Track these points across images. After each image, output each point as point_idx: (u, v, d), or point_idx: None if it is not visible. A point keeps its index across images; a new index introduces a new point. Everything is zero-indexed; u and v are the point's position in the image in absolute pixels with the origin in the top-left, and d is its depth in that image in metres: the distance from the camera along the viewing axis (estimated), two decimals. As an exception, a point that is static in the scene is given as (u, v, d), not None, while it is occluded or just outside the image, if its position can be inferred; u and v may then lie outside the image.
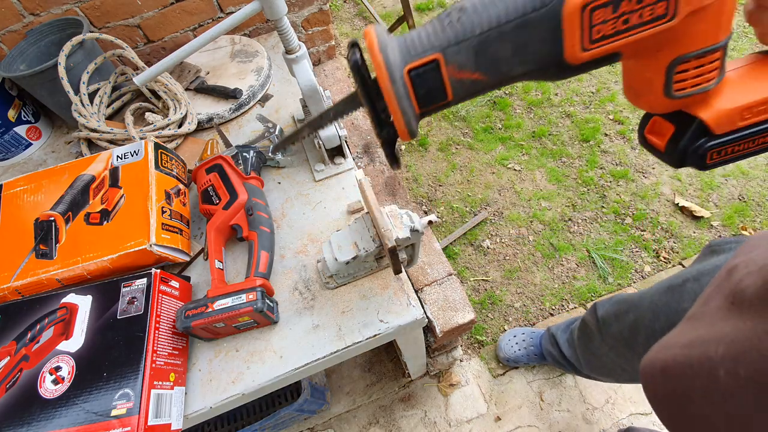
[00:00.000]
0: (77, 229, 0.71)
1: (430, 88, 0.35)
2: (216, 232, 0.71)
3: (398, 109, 0.35)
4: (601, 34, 0.32)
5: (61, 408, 0.56)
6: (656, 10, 0.31)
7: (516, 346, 1.16)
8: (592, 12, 0.31)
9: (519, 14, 0.32)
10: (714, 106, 0.36)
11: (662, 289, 0.66)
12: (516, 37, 0.33)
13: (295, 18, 1.21)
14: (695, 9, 0.31)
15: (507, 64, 0.34)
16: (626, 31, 0.32)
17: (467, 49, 0.34)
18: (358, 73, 0.36)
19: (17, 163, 1.04)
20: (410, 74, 0.35)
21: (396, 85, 0.34)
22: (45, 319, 0.63)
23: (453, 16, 0.34)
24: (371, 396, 1.20)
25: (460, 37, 0.33)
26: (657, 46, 0.34)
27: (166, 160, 0.78)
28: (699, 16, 0.32)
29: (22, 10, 1.00)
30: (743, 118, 0.36)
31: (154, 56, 1.17)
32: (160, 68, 0.70)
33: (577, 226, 1.42)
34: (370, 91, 0.36)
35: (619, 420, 1.10)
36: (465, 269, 1.38)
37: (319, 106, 0.73)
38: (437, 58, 0.34)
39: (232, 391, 0.63)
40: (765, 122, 0.36)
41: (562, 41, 0.33)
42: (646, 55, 0.35)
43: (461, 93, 0.36)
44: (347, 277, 0.69)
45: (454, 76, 0.35)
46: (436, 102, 0.37)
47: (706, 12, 0.31)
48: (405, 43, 0.35)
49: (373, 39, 0.34)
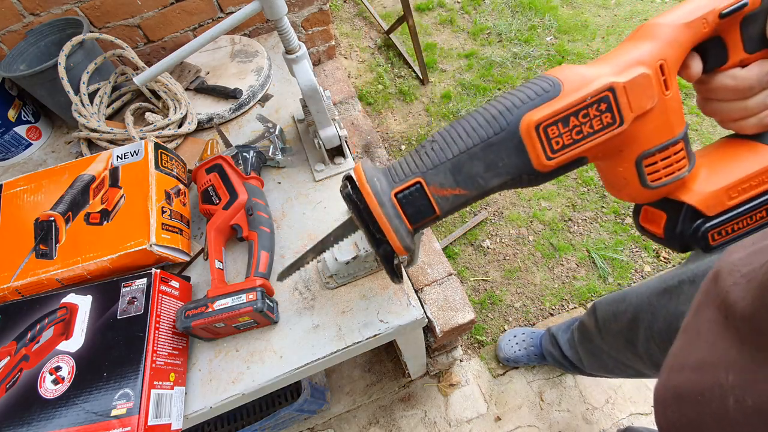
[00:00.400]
0: (77, 229, 0.71)
1: (418, 206, 0.40)
2: (216, 232, 0.71)
3: (390, 228, 0.39)
4: (560, 144, 0.35)
5: (61, 408, 0.56)
6: (604, 120, 0.34)
7: (516, 347, 1.16)
8: (546, 129, 0.35)
9: (483, 139, 0.37)
10: (696, 190, 0.37)
11: (659, 290, 0.66)
12: (485, 156, 0.37)
13: (295, 18, 1.21)
14: (639, 114, 0.34)
15: (482, 179, 0.38)
16: (582, 139, 0.35)
17: (444, 171, 0.38)
18: (351, 201, 0.41)
19: (17, 163, 1.04)
20: (397, 197, 0.39)
21: (385, 208, 0.39)
22: (45, 319, 0.63)
23: (427, 146, 0.39)
24: (371, 396, 1.20)
25: (436, 161, 0.38)
26: (618, 146, 0.36)
27: (166, 160, 0.78)
28: (646, 118, 0.35)
29: (22, 10, 1.00)
30: (731, 197, 0.37)
31: (154, 56, 1.17)
32: (160, 68, 0.70)
33: (577, 226, 1.42)
34: (364, 216, 0.41)
35: (619, 420, 1.10)
36: (465, 269, 1.38)
37: (319, 106, 0.73)
38: (420, 181, 0.39)
39: (232, 391, 0.63)
40: (756, 198, 0.37)
41: (527, 154, 0.36)
42: (613, 154, 0.37)
43: (447, 207, 0.40)
44: (347, 277, 0.69)
45: (438, 194, 0.39)
46: (426, 217, 0.41)
47: (652, 113, 0.35)
48: (390, 171, 0.40)
49: (360, 173, 0.40)
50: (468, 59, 1.88)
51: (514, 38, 1.92)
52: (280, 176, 0.86)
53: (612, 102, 0.34)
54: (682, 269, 0.64)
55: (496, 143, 0.36)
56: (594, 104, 0.34)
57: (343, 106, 1.24)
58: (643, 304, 0.69)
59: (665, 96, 0.34)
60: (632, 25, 1.93)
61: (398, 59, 1.92)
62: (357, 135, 1.17)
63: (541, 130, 0.35)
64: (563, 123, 0.34)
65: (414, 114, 1.76)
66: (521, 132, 0.35)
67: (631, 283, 1.30)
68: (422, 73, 1.80)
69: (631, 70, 0.34)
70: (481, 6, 2.09)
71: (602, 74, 0.34)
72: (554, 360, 1.06)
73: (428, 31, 2.02)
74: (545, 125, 0.35)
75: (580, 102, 0.34)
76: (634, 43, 0.35)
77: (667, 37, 0.34)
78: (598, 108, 0.34)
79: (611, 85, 0.33)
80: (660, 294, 0.66)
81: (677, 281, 0.63)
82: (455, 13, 2.06)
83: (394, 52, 1.94)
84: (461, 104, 1.73)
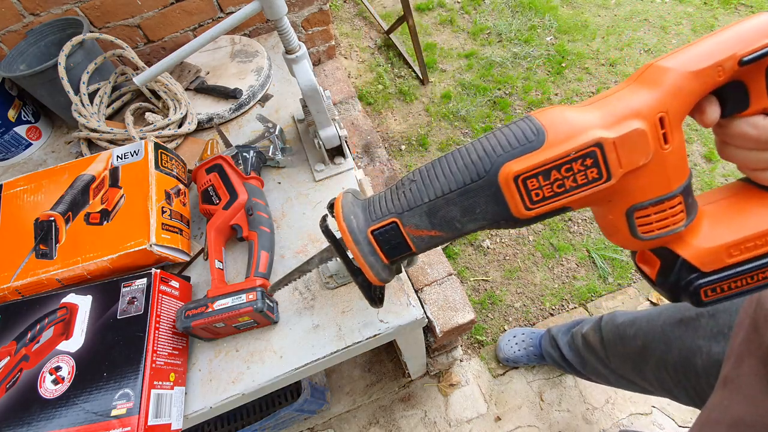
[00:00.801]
0: (77, 229, 0.70)
1: (393, 244, 0.40)
2: (216, 232, 0.71)
3: (365, 263, 0.41)
4: (540, 196, 0.33)
5: (61, 408, 0.56)
6: (589, 175, 0.32)
7: (516, 347, 1.16)
8: (525, 180, 0.33)
9: (461, 185, 0.36)
10: (693, 244, 0.34)
11: (673, 320, 0.64)
12: (462, 201, 0.36)
13: (295, 18, 1.21)
14: (630, 170, 0.31)
15: (459, 222, 0.37)
16: (564, 193, 0.33)
17: (420, 213, 0.38)
18: (329, 235, 0.44)
19: (17, 163, 1.04)
20: (374, 233, 0.40)
21: (360, 246, 0.40)
22: (45, 319, 0.63)
23: (406, 185, 0.39)
24: (371, 396, 1.20)
25: (412, 204, 0.38)
26: (605, 199, 0.34)
27: (166, 160, 0.78)
28: (638, 173, 0.31)
29: (22, 10, 1.00)
30: (731, 256, 0.33)
31: (154, 56, 1.17)
32: (160, 68, 0.70)
33: (577, 226, 1.42)
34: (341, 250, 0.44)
35: (619, 420, 1.10)
36: (465, 269, 1.38)
37: (319, 106, 0.73)
38: (395, 221, 0.39)
39: (232, 391, 0.63)
40: (761, 257, 0.33)
41: (506, 203, 0.35)
42: (601, 204, 0.35)
43: (422, 246, 0.40)
44: (347, 277, 0.69)
45: (413, 234, 0.39)
46: (402, 253, 0.41)
47: (646, 168, 0.31)
48: (368, 207, 0.41)
49: (339, 209, 0.41)
50: (468, 59, 1.88)
51: (514, 38, 1.92)
52: (280, 176, 0.86)
53: (599, 158, 0.31)
54: None
55: (473, 190, 0.35)
56: (579, 159, 0.31)
57: (343, 106, 1.24)
58: (655, 332, 0.67)
59: (663, 150, 0.31)
60: (632, 25, 1.93)
61: (398, 59, 1.92)
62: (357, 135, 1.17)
63: (520, 182, 0.33)
64: (544, 176, 0.32)
65: (414, 114, 1.76)
66: (500, 181, 0.34)
67: (631, 283, 1.30)
68: (422, 73, 1.80)
69: (624, 123, 0.30)
70: (481, 6, 2.09)
71: (591, 125, 0.31)
72: (553, 361, 1.06)
73: (428, 31, 2.02)
74: (524, 177, 0.33)
75: (564, 156, 0.31)
76: (634, 90, 0.31)
77: (672, 86, 0.30)
78: (583, 163, 0.31)
79: (599, 140, 0.30)
80: (675, 324, 0.64)
81: (695, 313, 0.61)
82: (455, 13, 2.06)
83: (394, 52, 1.94)
84: (461, 104, 1.73)
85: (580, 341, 0.92)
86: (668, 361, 0.63)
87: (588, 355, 0.89)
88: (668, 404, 1.11)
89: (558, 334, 1.03)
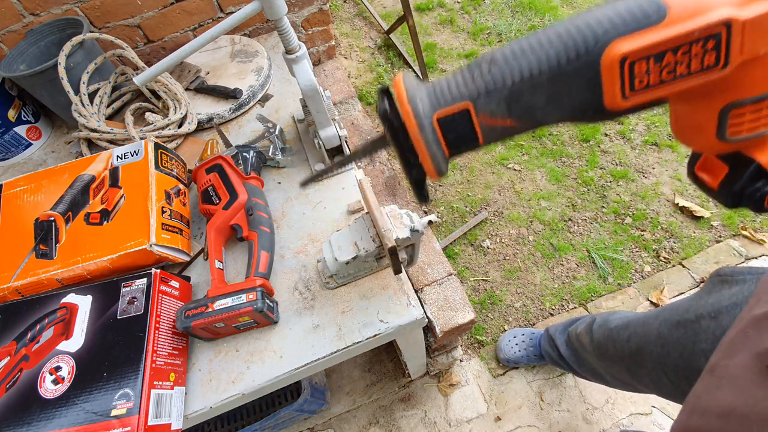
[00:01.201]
0: (77, 229, 0.71)
1: (460, 133, 0.35)
2: (216, 232, 0.71)
3: (427, 153, 0.35)
4: (644, 84, 0.30)
5: (61, 408, 0.56)
6: (705, 60, 0.28)
7: (516, 347, 1.16)
8: (632, 65, 0.29)
9: (553, 66, 0.31)
10: None
11: (671, 323, 0.62)
12: (551, 88, 0.31)
13: (295, 18, 1.21)
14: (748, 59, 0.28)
15: (541, 112, 0.33)
16: (672, 80, 0.29)
17: (499, 99, 0.33)
18: (387, 120, 0.36)
19: (17, 163, 1.04)
20: (439, 121, 0.34)
21: (425, 132, 0.34)
22: (45, 319, 0.63)
23: (483, 67, 0.33)
24: (371, 396, 1.20)
25: (491, 87, 0.33)
26: (708, 92, 0.31)
27: (166, 160, 0.78)
28: (753, 64, 0.28)
29: (22, 10, 1.00)
30: None
31: (154, 56, 1.17)
32: (160, 68, 0.70)
33: (577, 226, 1.42)
34: (399, 136, 0.36)
35: (619, 420, 1.10)
36: (465, 269, 1.38)
37: (319, 106, 0.73)
38: (467, 107, 0.33)
39: (232, 391, 0.63)
40: None
41: (601, 91, 0.31)
42: (696, 99, 0.32)
43: (492, 137, 0.36)
44: (347, 277, 0.69)
45: (485, 123, 0.34)
46: (466, 145, 0.36)
47: (763, 60, 0.28)
48: (434, 91, 0.35)
49: (401, 89, 0.34)
50: (468, 59, 1.88)
51: (513, 38, 1.92)
52: (280, 176, 0.86)
53: (723, 41, 0.27)
54: (699, 302, 0.59)
55: (568, 73, 0.30)
56: (701, 41, 0.27)
57: (343, 106, 1.24)
58: (651, 335, 0.65)
59: None
60: (632, 25, 1.93)
61: (398, 59, 1.92)
62: (357, 135, 1.17)
63: (627, 65, 0.29)
64: (655, 59, 0.28)
65: (414, 114, 1.76)
66: (602, 64, 0.29)
67: (631, 283, 1.30)
68: (422, 73, 1.80)
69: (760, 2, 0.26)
70: (481, 6, 2.09)
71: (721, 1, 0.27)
72: (552, 360, 1.06)
73: (428, 31, 2.02)
74: (633, 59, 0.28)
75: (686, 35, 0.27)
76: None
77: None
78: (704, 45, 0.27)
79: (729, 19, 0.26)
80: (673, 327, 0.62)
81: (694, 315, 0.58)
82: (455, 13, 2.06)
83: (394, 52, 1.94)
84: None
85: (575, 340, 0.92)
86: (667, 365, 0.62)
87: (584, 354, 0.89)
88: (668, 404, 1.11)
89: (555, 333, 1.03)
